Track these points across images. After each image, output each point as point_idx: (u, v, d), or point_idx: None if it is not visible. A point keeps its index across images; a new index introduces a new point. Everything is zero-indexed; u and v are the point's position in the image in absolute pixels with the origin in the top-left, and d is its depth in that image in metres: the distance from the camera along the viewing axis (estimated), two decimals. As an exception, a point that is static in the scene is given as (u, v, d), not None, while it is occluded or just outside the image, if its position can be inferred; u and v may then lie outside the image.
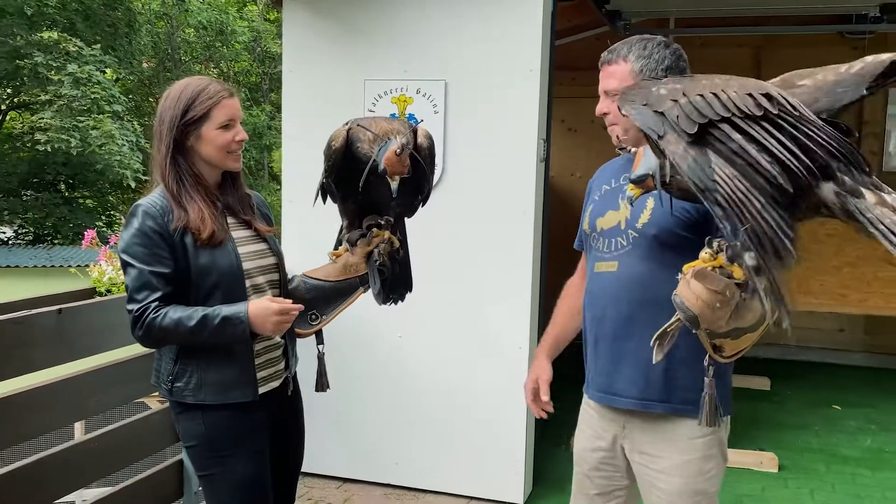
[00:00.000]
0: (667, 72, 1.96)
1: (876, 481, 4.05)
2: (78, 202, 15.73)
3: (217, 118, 2.04)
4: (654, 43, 1.98)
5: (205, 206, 2.03)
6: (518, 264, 3.60)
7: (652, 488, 2.03)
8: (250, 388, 2.09)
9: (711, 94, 1.55)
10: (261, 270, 2.13)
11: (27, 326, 2.54)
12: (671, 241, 1.92)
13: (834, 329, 6.45)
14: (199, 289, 2.01)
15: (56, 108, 11.58)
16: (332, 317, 2.26)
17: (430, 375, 3.76)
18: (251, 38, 16.66)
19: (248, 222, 2.15)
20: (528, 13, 3.48)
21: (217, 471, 2.10)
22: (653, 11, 5.84)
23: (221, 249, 2.03)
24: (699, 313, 1.60)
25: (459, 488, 3.78)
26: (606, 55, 2.03)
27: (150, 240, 1.97)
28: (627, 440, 2.07)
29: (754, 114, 1.52)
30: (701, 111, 1.54)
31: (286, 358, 2.24)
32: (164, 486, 3.48)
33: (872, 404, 5.31)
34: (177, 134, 2.02)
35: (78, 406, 2.92)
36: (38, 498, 2.82)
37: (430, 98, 3.64)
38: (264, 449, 2.17)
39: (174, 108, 2.03)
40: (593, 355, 2.10)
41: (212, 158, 2.07)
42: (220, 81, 2.14)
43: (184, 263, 2.00)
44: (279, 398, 2.22)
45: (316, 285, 2.23)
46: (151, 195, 2.04)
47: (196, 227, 1.99)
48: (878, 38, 6.04)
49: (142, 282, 1.96)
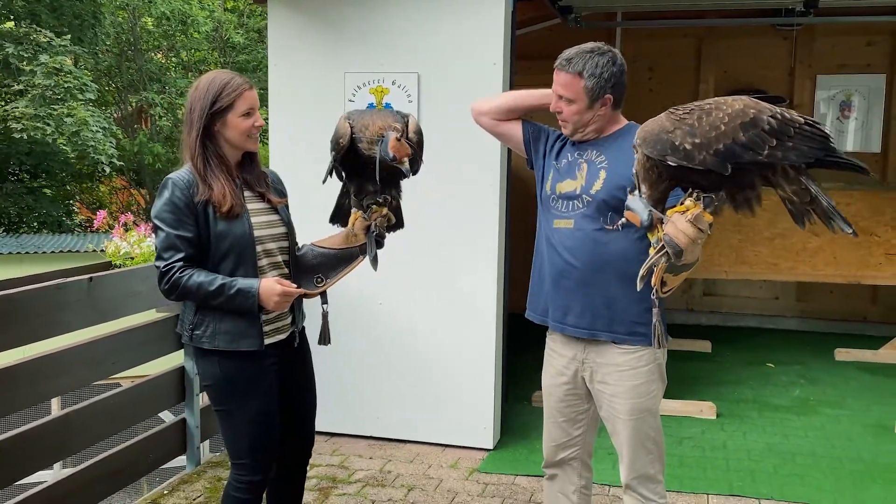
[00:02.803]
0: (613, 88, 2.43)
1: (801, 424, 4.60)
2: (41, 192, 15.76)
3: (240, 107, 2.40)
4: (604, 60, 2.43)
5: (226, 183, 2.39)
6: (486, 237, 4.03)
7: (609, 409, 2.51)
8: (257, 338, 2.44)
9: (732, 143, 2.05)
10: (272, 238, 2.49)
11: (64, 293, 2.90)
12: (615, 206, 2.39)
13: (769, 297, 7.04)
14: (217, 251, 2.38)
15: (30, 97, 11.70)
16: (334, 280, 2.64)
17: (408, 339, 4.19)
18: (212, 27, 16.79)
19: (262, 195, 2.51)
20: (491, 12, 3.91)
21: (230, 406, 2.46)
22: (601, 6, 6.26)
23: (237, 220, 2.39)
24: (685, 247, 2.07)
25: (436, 437, 4.23)
26: (562, 64, 2.46)
27: (177, 208, 2.33)
28: (587, 372, 2.54)
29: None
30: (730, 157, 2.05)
31: (293, 314, 2.59)
32: (168, 443, 3.86)
33: (802, 362, 5.89)
34: (206, 121, 2.38)
35: (96, 368, 3.28)
36: (67, 447, 3.20)
37: (404, 88, 4.04)
38: (272, 391, 2.51)
39: (203, 98, 2.38)
40: (553, 292, 2.54)
41: (235, 141, 2.43)
42: (240, 75, 2.48)
43: (204, 229, 2.36)
44: (286, 348, 2.57)
45: (321, 252, 2.62)
46: (180, 171, 2.40)
47: (217, 201, 2.36)
48: (806, 30, 6.60)
49: (168, 243, 2.33)
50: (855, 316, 6.82)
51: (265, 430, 2.51)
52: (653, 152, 2.08)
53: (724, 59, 6.91)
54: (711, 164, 2.03)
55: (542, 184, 2.62)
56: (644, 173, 2.14)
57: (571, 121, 2.48)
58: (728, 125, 2.03)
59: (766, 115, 2.05)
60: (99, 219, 3.82)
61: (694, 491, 3.67)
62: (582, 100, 2.43)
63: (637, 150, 2.16)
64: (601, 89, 2.42)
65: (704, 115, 2.06)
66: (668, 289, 2.22)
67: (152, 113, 16.83)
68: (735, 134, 2.02)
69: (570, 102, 2.45)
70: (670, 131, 2.06)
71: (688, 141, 2.03)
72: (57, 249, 12.09)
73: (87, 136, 11.79)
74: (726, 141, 2.02)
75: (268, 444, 2.52)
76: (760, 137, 2.02)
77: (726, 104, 2.08)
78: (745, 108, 2.06)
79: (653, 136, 2.09)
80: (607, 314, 2.44)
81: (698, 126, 2.04)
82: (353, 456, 4.11)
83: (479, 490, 3.70)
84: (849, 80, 6.76)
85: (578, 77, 2.42)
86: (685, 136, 2.04)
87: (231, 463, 2.54)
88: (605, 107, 2.45)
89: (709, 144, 2.02)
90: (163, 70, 17.44)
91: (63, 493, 3.11)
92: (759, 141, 2.02)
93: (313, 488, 3.68)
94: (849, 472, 3.90)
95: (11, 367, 2.80)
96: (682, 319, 7.08)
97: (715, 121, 2.04)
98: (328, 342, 2.69)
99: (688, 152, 2.03)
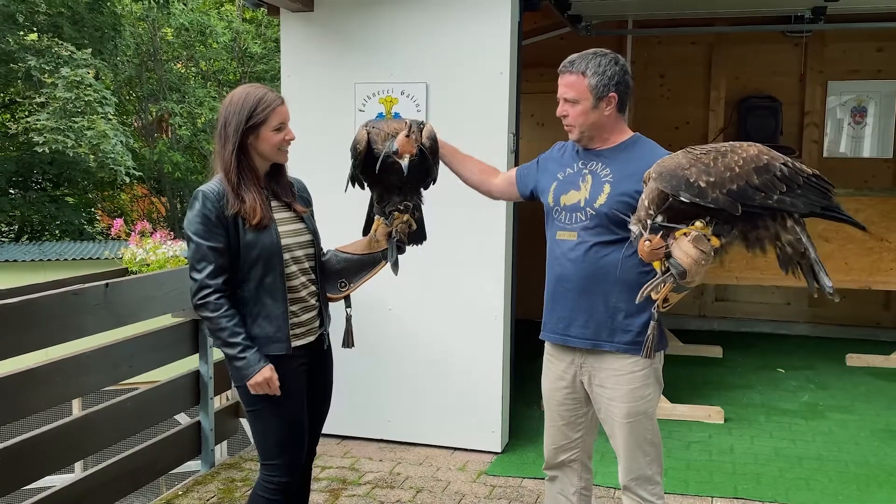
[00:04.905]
0: (617, 86, 2.49)
1: (808, 428, 4.62)
2: (64, 200, 16.01)
3: (272, 122, 2.47)
4: (606, 60, 2.50)
5: (257, 196, 2.46)
6: (492, 244, 4.11)
7: (606, 412, 2.57)
8: (284, 343, 2.51)
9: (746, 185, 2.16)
10: (299, 245, 2.57)
11: (81, 298, 3.01)
12: (618, 220, 2.45)
13: (781, 303, 7.05)
14: (246, 259, 2.46)
15: (51, 110, 11.93)
16: (358, 285, 2.73)
17: (417, 344, 4.27)
18: (231, 37, 17.00)
19: (289, 205, 2.60)
20: (497, 24, 3.99)
21: (261, 406, 2.52)
22: (612, 15, 6.32)
23: (265, 230, 2.47)
24: (688, 269, 2.15)
25: (445, 441, 4.30)
26: (566, 66, 2.54)
27: (207, 220, 2.42)
28: (585, 376, 2.60)
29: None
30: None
31: (321, 317, 2.66)
32: (183, 445, 3.96)
33: (812, 367, 5.91)
34: (241, 136, 2.45)
35: (113, 371, 3.38)
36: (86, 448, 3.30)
37: (413, 98, 4.13)
38: (301, 391, 2.58)
39: (239, 113, 2.45)
40: (552, 305, 2.61)
41: (267, 154, 2.51)
42: (272, 90, 2.56)
43: (234, 240, 2.44)
44: (315, 351, 2.64)
45: (345, 258, 2.71)
46: (211, 182, 2.48)
47: (247, 213, 2.44)
48: (816, 36, 6.64)
49: (200, 254, 2.42)
50: (867, 321, 6.82)
51: (295, 429, 2.58)
52: (667, 187, 2.15)
53: (735, 65, 6.95)
54: (724, 203, 2.11)
55: (545, 196, 2.67)
56: (654, 208, 2.21)
57: (577, 123, 2.52)
58: (743, 168, 2.14)
59: (778, 162, 2.17)
60: (116, 227, 3.94)
61: (699, 494, 3.71)
62: (587, 99, 2.48)
63: (647, 182, 2.24)
64: (605, 87, 2.47)
65: (720, 157, 2.16)
66: (668, 305, 2.30)
67: (172, 122, 17.04)
68: (749, 176, 2.13)
69: (575, 104, 2.49)
70: (686, 168, 2.14)
71: (703, 179, 2.12)
72: (78, 257, 12.30)
73: (107, 149, 12.00)
74: (740, 182, 2.12)
75: (297, 444, 2.59)
76: (772, 182, 2.14)
77: (741, 148, 2.19)
78: (759, 153, 2.18)
79: (668, 172, 2.16)
80: (610, 325, 2.50)
81: (713, 166, 2.14)
82: (364, 458, 4.19)
83: (486, 492, 3.76)
84: (860, 85, 6.78)
85: (582, 76, 2.48)
86: (700, 174, 2.13)
87: (261, 464, 2.60)
88: (611, 106, 2.49)
89: (723, 184, 2.11)
90: (182, 80, 17.66)
91: (80, 492, 3.21)
92: (770, 185, 2.14)
93: (324, 489, 3.76)
94: (854, 475, 3.93)
95: (31, 370, 2.90)
96: (694, 325, 7.11)
97: (730, 162, 2.14)
98: (352, 345, 2.79)
99: (702, 189, 2.11)
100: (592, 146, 2.57)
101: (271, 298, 2.49)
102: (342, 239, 2.79)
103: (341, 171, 2.76)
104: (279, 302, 2.50)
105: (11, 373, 2.84)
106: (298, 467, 2.62)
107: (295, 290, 2.55)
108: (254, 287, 2.48)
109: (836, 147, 6.91)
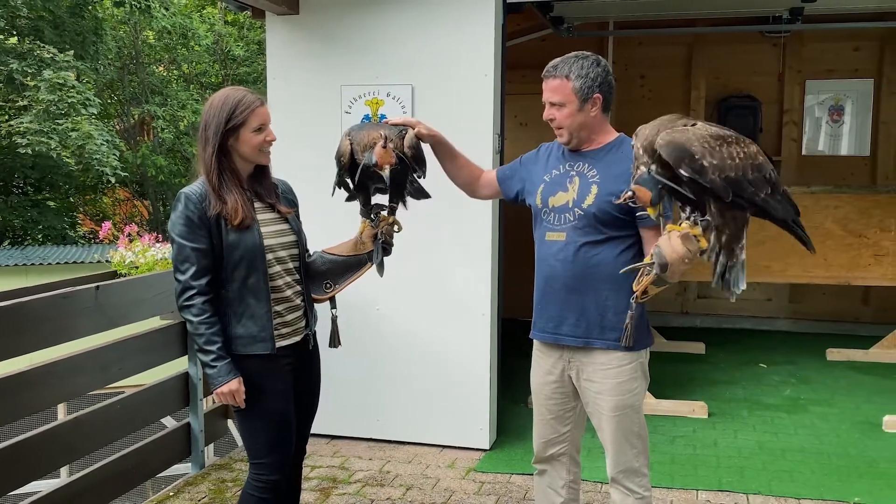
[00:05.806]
0: (600, 87, 2.55)
1: (791, 421, 4.70)
2: (46, 204, 15.92)
3: (252, 123, 2.50)
4: (588, 62, 2.56)
5: (238, 197, 2.49)
6: (479, 242, 4.16)
7: (594, 405, 2.62)
8: (269, 342, 2.54)
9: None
10: (282, 246, 2.60)
11: (72, 301, 3.03)
12: (606, 219, 2.52)
13: (762, 299, 7.15)
14: (229, 260, 2.49)
15: (34, 112, 11.87)
16: (343, 286, 2.76)
17: (405, 343, 4.30)
18: (213, 40, 16.96)
19: (272, 206, 2.62)
20: (482, 27, 4.03)
21: (248, 406, 2.55)
22: (593, 17, 6.38)
23: (248, 231, 2.50)
24: (671, 262, 2.23)
25: (433, 439, 4.34)
26: (549, 70, 2.59)
27: (190, 221, 2.45)
28: (574, 371, 2.65)
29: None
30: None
31: (306, 318, 2.69)
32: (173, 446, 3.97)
33: (794, 362, 6.00)
34: (221, 138, 2.48)
35: (102, 373, 3.39)
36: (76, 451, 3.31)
37: (398, 100, 4.17)
38: (288, 391, 2.61)
39: (218, 116, 2.48)
40: (542, 304, 2.66)
41: (247, 155, 2.54)
42: (252, 91, 2.58)
43: (217, 240, 2.47)
44: (300, 351, 2.67)
45: (330, 259, 2.74)
46: (194, 185, 2.51)
47: (229, 214, 2.47)
48: (794, 36, 6.74)
49: (184, 255, 2.45)
50: (847, 317, 6.92)
51: (282, 428, 2.61)
52: (670, 157, 2.22)
53: (715, 65, 7.05)
54: (718, 186, 2.20)
55: (531, 198, 2.71)
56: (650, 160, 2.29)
57: (565, 125, 2.57)
58: (743, 160, 2.25)
59: (769, 166, 2.31)
60: (104, 230, 3.95)
61: (684, 487, 3.77)
62: (572, 102, 2.53)
63: (637, 161, 2.31)
64: (589, 89, 2.53)
65: (725, 144, 2.25)
66: (647, 297, 2.36)
67: (154, 125, 16.98)
68: (745, 169, 2.24)
69: (561, 107, 2.55)
70: (693, 143, 2.22)
71: (706, 159, 2.20)
72: (62, 260, 12.23)
73: (93, 150, 11.96)
74: (738, 172, 2.22)
75: (285, 442, 2.62)
76: (762, 182, 2.27)
77: (744, 142, 2.30)
78: (756, 152, 2.30)
79: (676, 144, 2.23)
80: (601, 322, 2.55)
81: (717, 151, 2.22)
82: (353, 457, 4.22)
83: (475, 489, 3.81)
84: (838, 84, 6.89)
85: (566, 80, 2.53)
86: (705, 154, 2.21)
87: (250, 463, 2.63)
88: (596, 107, 2.55)
89: (723, 169, 2.21)
90: (164, 83, 17.60)
91: (69, 496, 3.21)
92: (760, 184, 2.26)
93: (314, 488, 3.79)
94: (835, 467, 4.00)
95: (22, 373, 2.91)
96: (677, 322, 7.19)
97: (733, 152, 2.25)
98: (338, 345, 2.82)
99: (703, 168, 2.19)
100: (581, 148, 2.63)
101: (255, 298, 2.52)
102: (330, 240, 2.81)
103: (327, 174, 2.78)
104: (263, 302, 2.53)
105: (3, 376, 2.85)
106: (287, 465, 2.65)
107: (279, 290, 2.57)
108: (237, 287, 2.51)
109: (815, 145, 7.02)
